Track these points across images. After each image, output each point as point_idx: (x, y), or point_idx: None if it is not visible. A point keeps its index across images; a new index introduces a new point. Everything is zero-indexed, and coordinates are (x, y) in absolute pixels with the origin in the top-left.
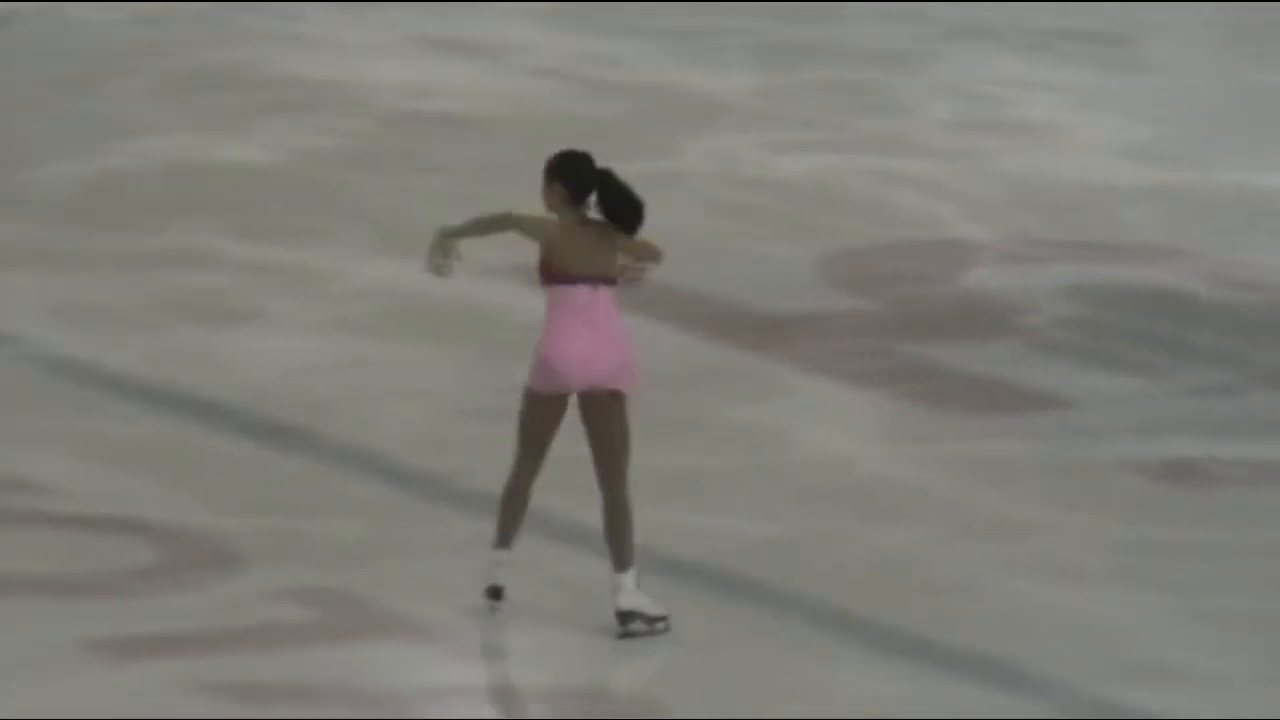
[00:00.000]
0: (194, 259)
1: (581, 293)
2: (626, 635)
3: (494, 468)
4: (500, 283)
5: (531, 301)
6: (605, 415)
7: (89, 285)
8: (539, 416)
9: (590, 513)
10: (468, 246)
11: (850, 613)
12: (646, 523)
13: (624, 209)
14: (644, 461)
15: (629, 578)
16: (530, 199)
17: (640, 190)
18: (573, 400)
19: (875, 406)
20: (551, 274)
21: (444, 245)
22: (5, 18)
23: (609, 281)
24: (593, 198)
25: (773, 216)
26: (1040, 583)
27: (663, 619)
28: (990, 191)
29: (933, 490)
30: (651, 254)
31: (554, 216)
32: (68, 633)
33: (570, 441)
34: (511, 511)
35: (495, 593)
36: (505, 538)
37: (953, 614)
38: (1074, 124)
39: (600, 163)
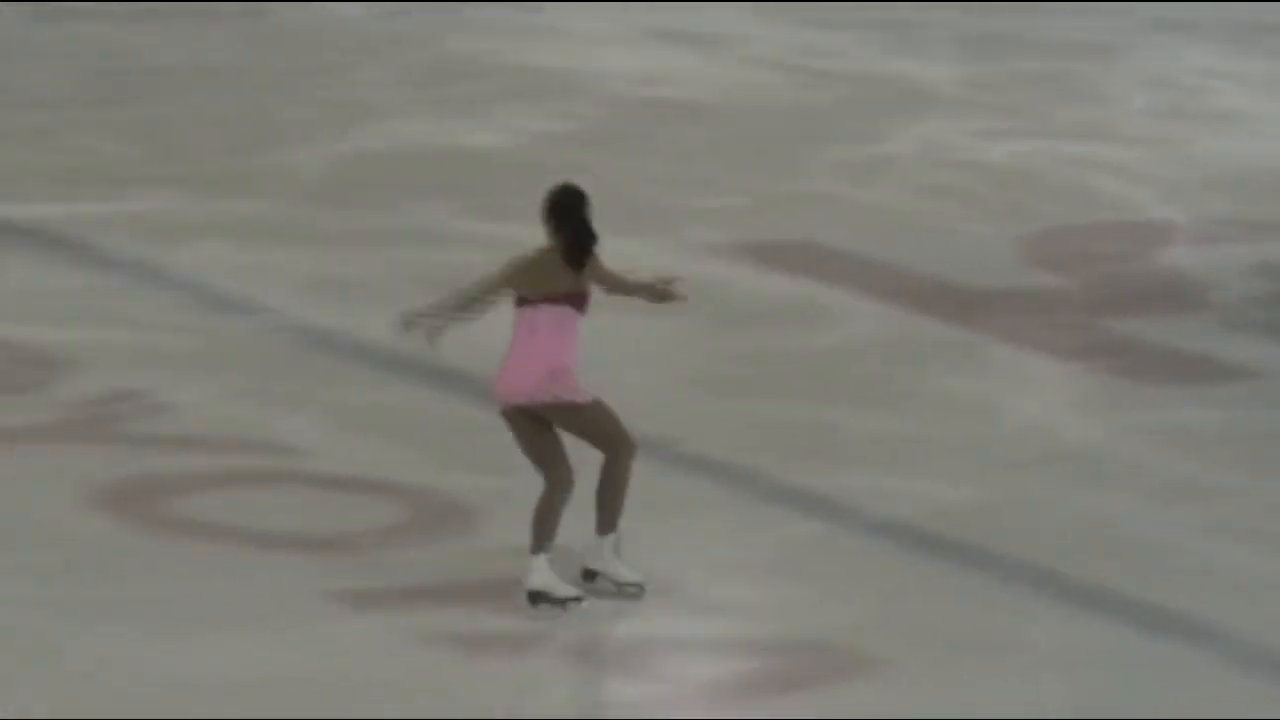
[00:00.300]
0: (435, 236)
1: (522, 314)
2: (533, 603)
3: (721, 433)
4: (725, 259)
5: (757, 278)
6: (566, 423)
7: (338, 260)
8: (513, 432)
9: (805, 475)
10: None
11: (1048, 571)
12: (855, 487)
13: (575, 245)
14: (853, 426)
15: (606, 541)
16: (741, 180)
17: (851, 173)
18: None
19: (1074, 378)
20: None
21: (441, 322)
22: (261, 11)
23: (552, 300)
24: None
25: (976, 198)
26: (1231, 545)
27: (576, 599)
28: (1184, 176)
29: (1129, 457)
30: (656, 294)
31: (530, 252)
32: (313, 585)
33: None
34: (544, 523)
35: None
36: (542, 544)
37: (1146, 573)
38: (1266, 112)
39: (803, 149)
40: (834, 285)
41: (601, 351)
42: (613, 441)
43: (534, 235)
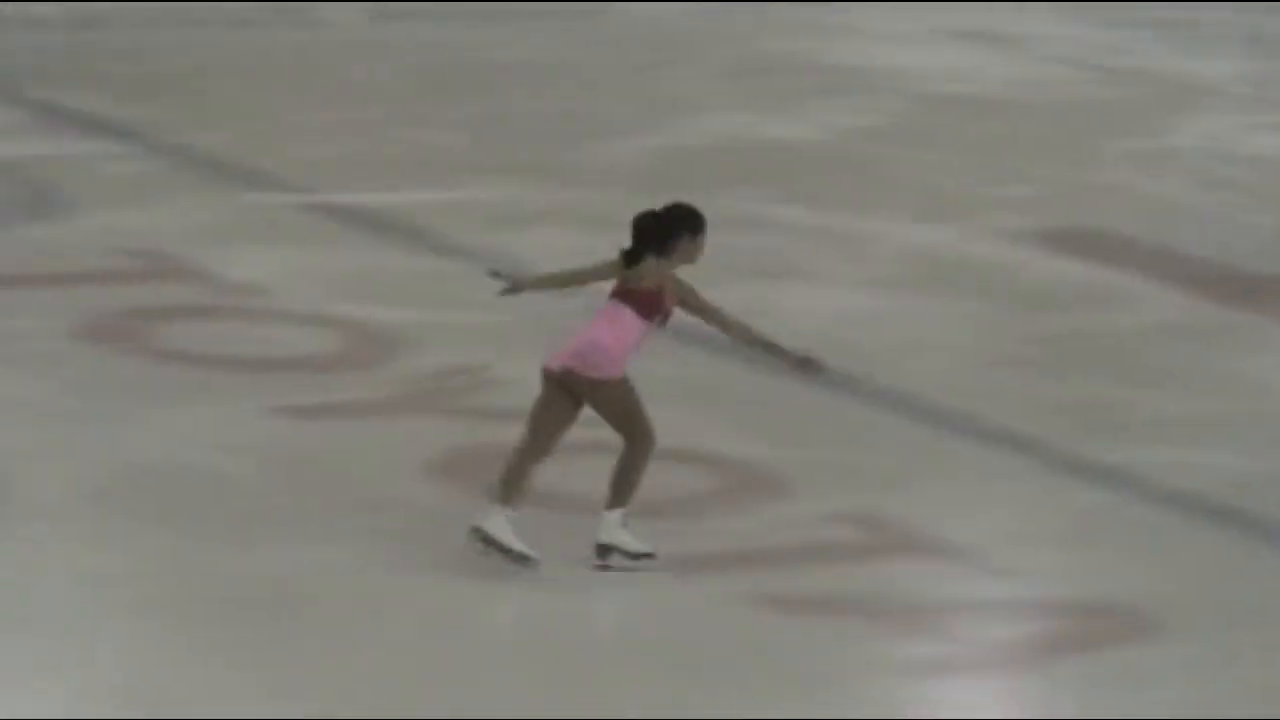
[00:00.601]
0: (751, 223)
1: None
2: (603, 568)
3: (1017, 408)
4: (1021, 245)
5: (1050, 263)
6: (592, 400)
7: None
8: (541, 394)
9: (1098, 448)
10: None
11: None
12: (1146, 459)
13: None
14: (1144, 403)
15: (614, 515)
16: (1035, 171)
17: (1138, 165)
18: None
19: None
20: None
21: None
22: (589, 12)
23: (615, 294)
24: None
25: (1256, 190)
26: None
27: (647, 555)
28: None
29: None
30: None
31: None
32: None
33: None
34: (519, 475)
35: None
36: (509, 497)
37: None
38: None
39: (1093, 142)
40: (1123, 270)
41: (907, 334)
42: (632, 427)
43: (838, 221)
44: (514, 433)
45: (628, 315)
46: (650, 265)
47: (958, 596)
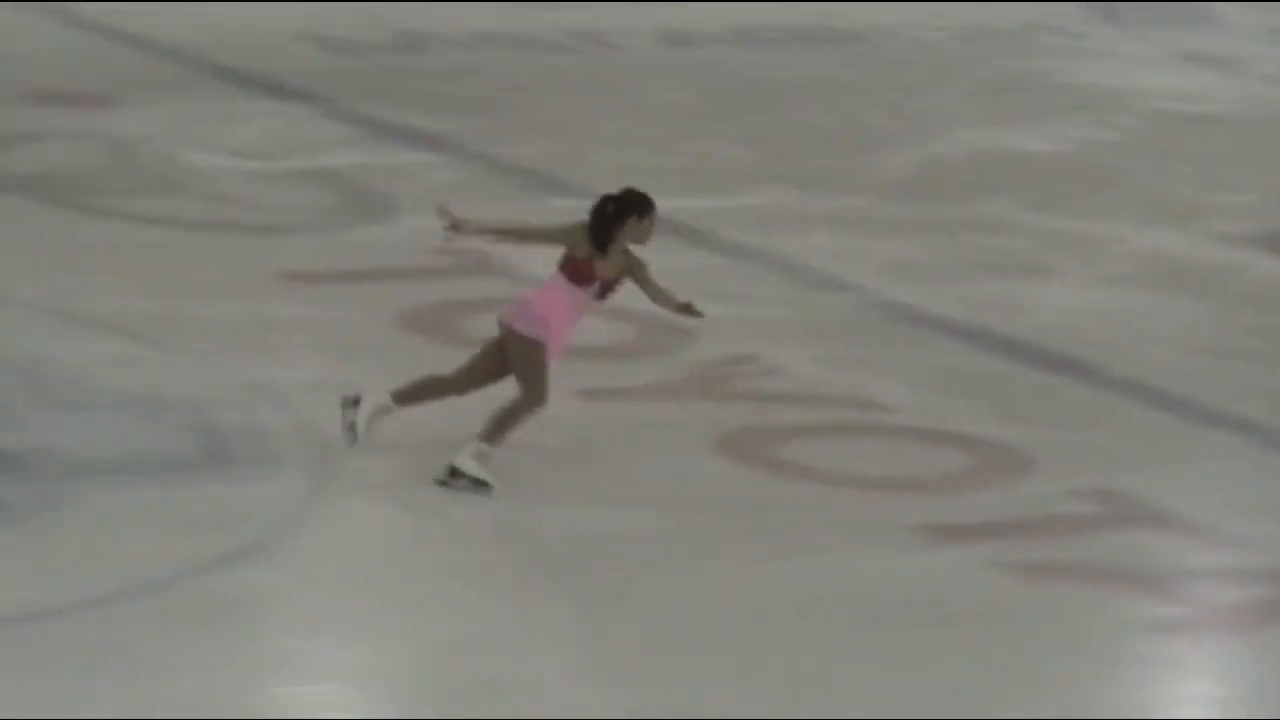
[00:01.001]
0: (998, 227)
1: None
2: (442, 484)
3: (1238, 393)
4: (1243, 247)
5: (1271, 263)
6: (511, 353)
7: (917, 247)
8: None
9: None
10: None
11: None
12: None
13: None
14: None
15: (479, 446)
16: (1257, 180)
17: None
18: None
19: None
20: None
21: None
22: (858, 33)
23: (559, 264)
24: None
25: None
26: None
27: (485, 484)
28: None
29: None
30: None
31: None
32: (896, 520)
33: None
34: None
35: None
36: (403, 399)
37: None
38: None
39: None
40: None
41: (1138, 327)
42: (531, 385)
43: (1076, 225)
44: (787, 415)
45: (560, 282)
46: (637, 261)
47: (1190, 564)
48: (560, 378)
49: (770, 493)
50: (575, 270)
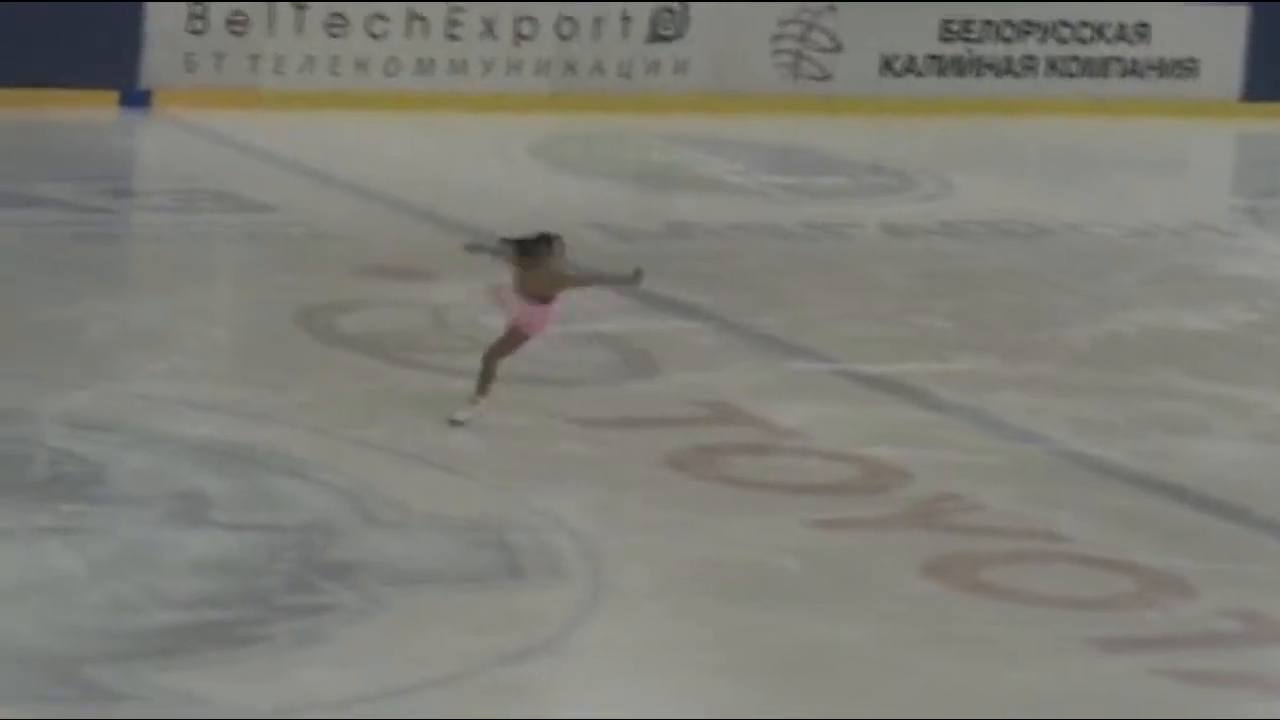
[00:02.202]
0: (1164, 391)
1: None
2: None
3: None
4: None
5: None
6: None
7: (1096, 406)
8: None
9: None
10: None
11: None
12: None
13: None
14: None
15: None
16: None
17: None
18: None
19: None
20: None
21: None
22: (1047, 228)
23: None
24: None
25: None
26: None
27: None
28: None
29: None
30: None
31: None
32: (1075, 633)
33: None
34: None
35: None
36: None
37: None
38: None
39: None
40: None
41: (1277, 474)
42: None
43: (1230, 390)
44: (986, 544)
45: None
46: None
47: None
48: (797, 509)
49: (971, 610)
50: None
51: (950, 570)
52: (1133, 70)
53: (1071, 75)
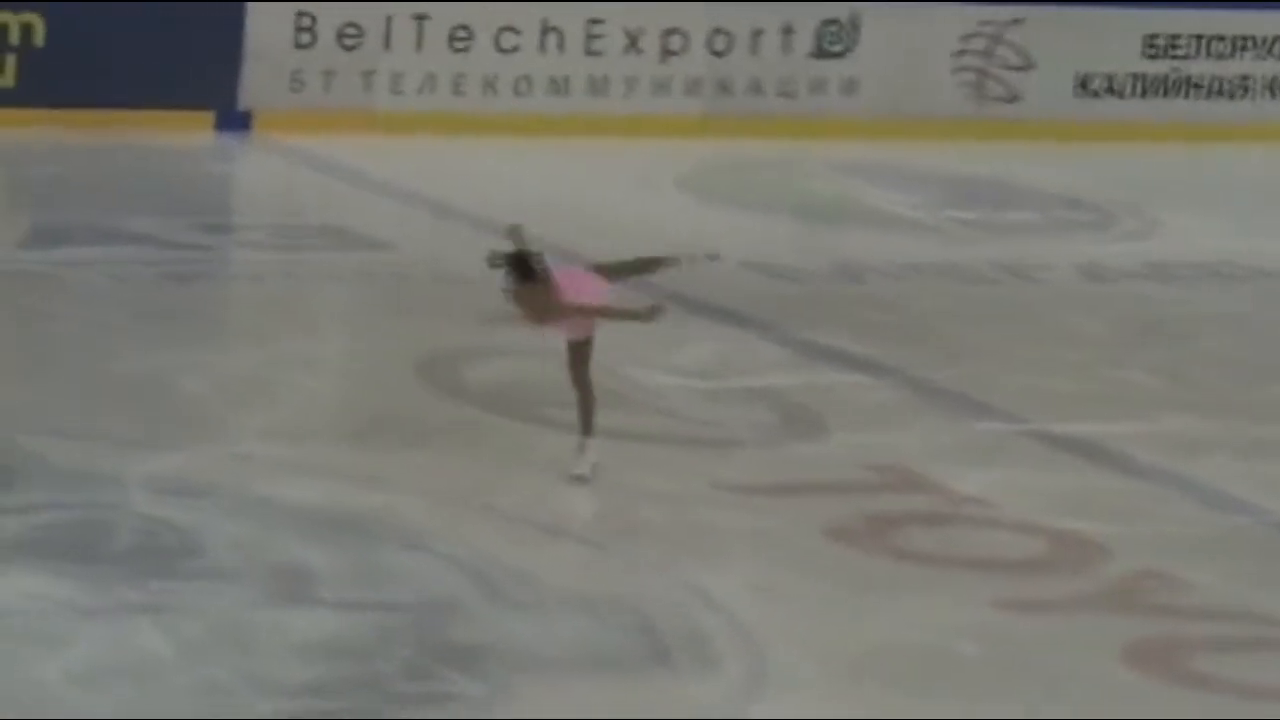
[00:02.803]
0: None
1: None
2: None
3: None
4: None
5: None
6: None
7: None
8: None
9: None
10: None
11: None
12: None
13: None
14: None
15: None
16: None
17: None
18: None
19: None
20: None
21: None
22: (1266, 270)
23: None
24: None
25: None
26: None
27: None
28: None
29: None
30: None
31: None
32: None
33: None
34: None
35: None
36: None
37: None
38: None
39: None
40: None
41: None
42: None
43: None
44: (1192, 629)
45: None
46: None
47: None
48: (976, 588)
49: (1177, 703)
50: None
51: (1154, 658)
52: None
53: None
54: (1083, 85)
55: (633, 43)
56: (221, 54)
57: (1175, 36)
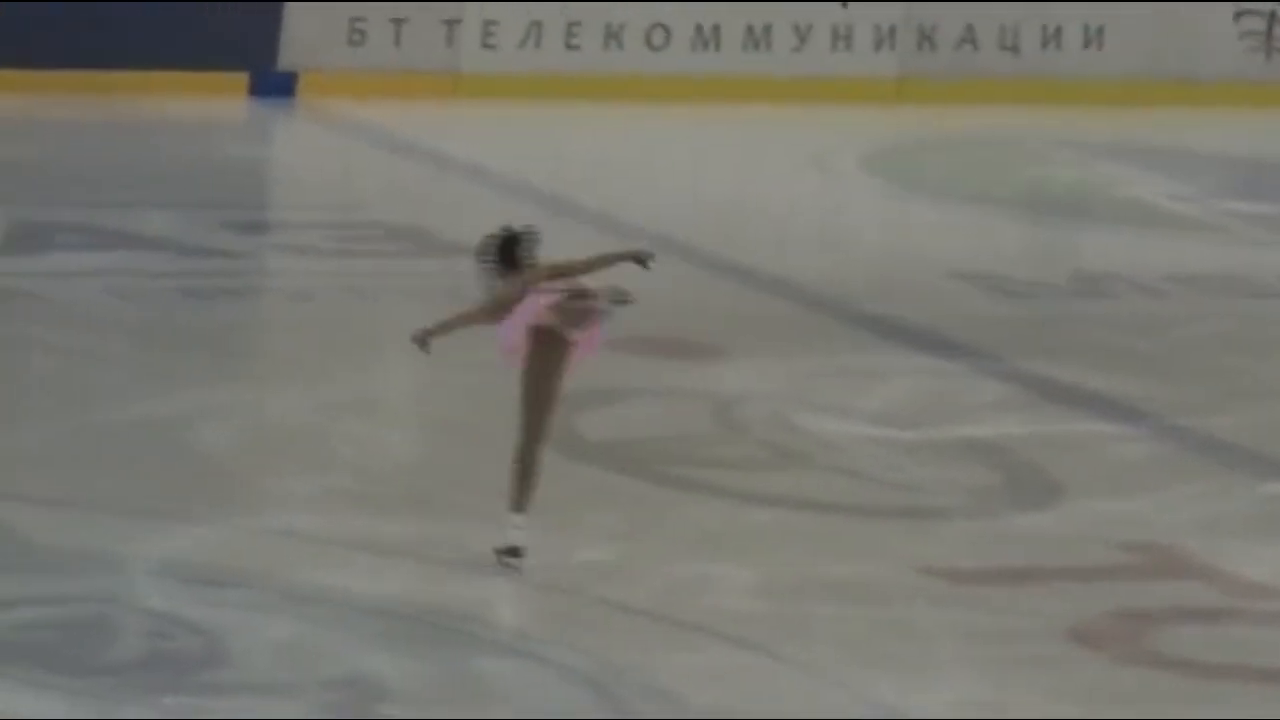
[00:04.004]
0: None
1: None
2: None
3: None
4: None
5: None
6: None
7: None
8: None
9: None
10: None
11: None
12: None
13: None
14: None
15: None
16: None
17: None
18: None
19: None
20: None
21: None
22: None
23: None
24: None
25: None
26: None
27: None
28: None
29: None
30: None
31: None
32: None
33: None
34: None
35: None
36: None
37: None
38: None
39: None
40: None
41: None
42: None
43: None
44: None
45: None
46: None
47: None
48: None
49: None
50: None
51: None
52: None
53: None
54: None
55: None
56: (258, 4)
57: None
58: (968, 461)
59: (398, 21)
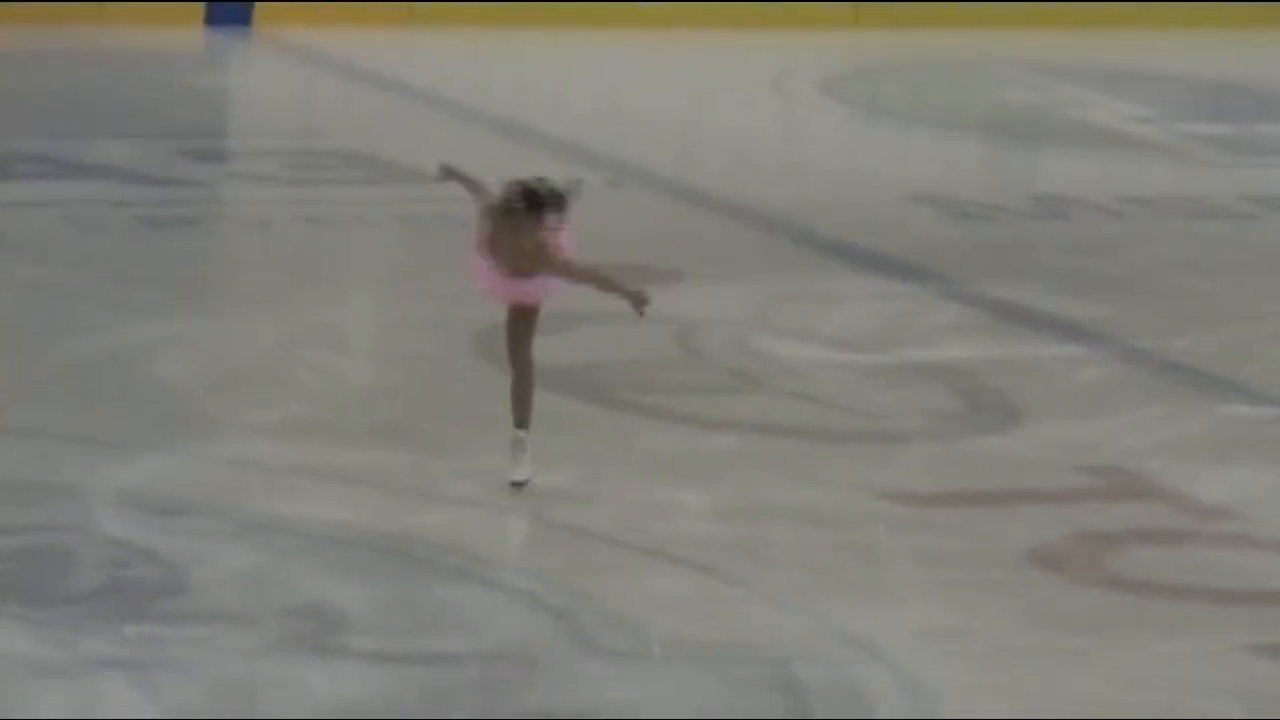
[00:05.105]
0: None
1: None
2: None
3: None
4: None
5: None
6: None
7: None
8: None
9: None
10: None
11: None
12: None
13: None
14: None
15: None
16: None
17: None
18: None
19: None
20: None
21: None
22: None
23: None
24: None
25: None
26: None
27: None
28: None
29: None
30: None
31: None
32: None
33: None
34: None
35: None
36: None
37: None
38: None
39: None
40: None
41: None
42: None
43: None
44: None
45: None
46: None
47: None
48: (1229, 628)
49: None
50: None
51: None
52: None
53: None
54: None
55: None
56: None
57: None
58: (927, 385)
59: None
